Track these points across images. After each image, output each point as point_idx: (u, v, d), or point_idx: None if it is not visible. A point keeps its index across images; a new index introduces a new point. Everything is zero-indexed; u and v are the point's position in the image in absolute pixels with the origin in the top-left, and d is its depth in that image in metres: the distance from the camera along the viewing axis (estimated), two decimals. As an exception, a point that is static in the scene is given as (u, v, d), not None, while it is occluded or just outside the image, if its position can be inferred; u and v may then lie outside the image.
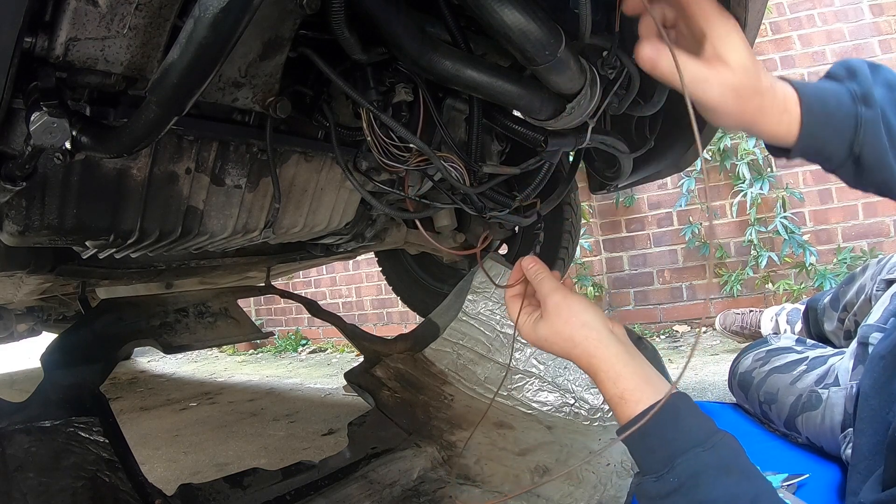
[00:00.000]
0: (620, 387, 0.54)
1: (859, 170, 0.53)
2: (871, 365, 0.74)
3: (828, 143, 0.52)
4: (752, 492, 0.47)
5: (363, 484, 0.93)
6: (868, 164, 0.51)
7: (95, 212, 0.70)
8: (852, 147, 0.51)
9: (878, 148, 0.51)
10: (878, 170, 0.52)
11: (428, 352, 1.35)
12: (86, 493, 0.74)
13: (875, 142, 0.51)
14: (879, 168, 0.52)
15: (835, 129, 0.51)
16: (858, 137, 0.51)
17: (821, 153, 0.53)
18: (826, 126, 0.52)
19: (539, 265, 0.64)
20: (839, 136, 0.51)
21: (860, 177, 0.53)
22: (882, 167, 0.51)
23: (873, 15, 2.29)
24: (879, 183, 0.53)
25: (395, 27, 0.57)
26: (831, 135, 0.52)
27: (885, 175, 0.52)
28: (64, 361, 1.01)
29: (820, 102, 0.51)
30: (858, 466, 0.72)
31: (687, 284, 2.53)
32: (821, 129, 0.51)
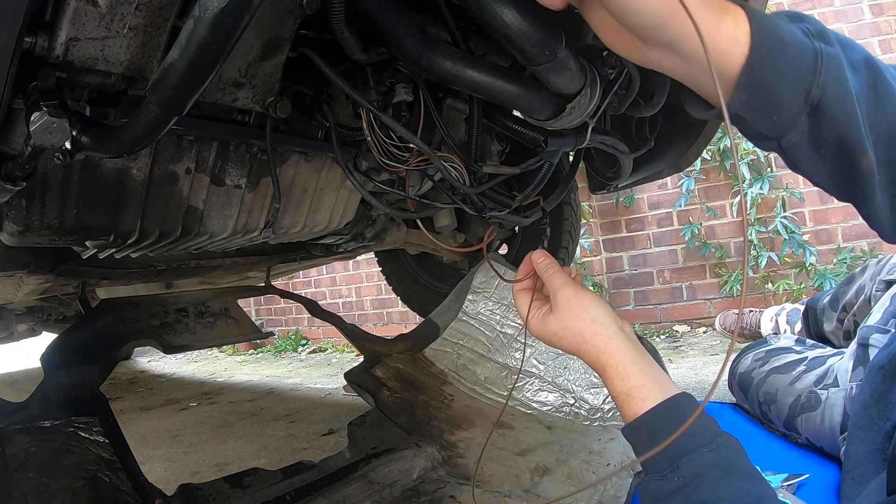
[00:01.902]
0: (629, 384, 0.53)
1: (816, 125, 0.41)
2: (870, 375, 0.75)
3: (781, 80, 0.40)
4: (755, 493, 0.47)
5: (363, 484, 0.92)
6: (830, 112, 0.40)
7: (95, 212, 0.70)
8: (811, 90, 0.40)
9: (843, 90, 0.40)
10: (842, 121, 0.41)
11: (428, 352, 1.35)
12: (86, 493, 0.74)
13: (839, 82, 0.40)
14: (844, 118, 0.41)
15: (790, 62, 0.40)
16: (819, 77, 0.40)
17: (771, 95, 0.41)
18: (780, 53, 0.40)
19: (549, 259, 0.63)
20: (794, 74, 0.40)
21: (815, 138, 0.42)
22: (847, 118, 0.41)
23: (873, 15, 2.29)
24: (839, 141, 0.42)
25: (395, 27, 0.57)
26: (786, 69, 0.40)
27: (848, 129, 0.41)
28: (64, 361, 1.01)
29: (773, 25, 0.40)
30: (853, 473, 0.73)
31: (687, 284, 2.53)
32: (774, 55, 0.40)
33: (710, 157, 2.41)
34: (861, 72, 0.42)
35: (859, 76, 0.42)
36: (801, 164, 0.45)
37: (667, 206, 2.56)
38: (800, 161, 0.44)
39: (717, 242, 2.45)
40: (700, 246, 2.45)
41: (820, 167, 0.44)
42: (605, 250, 2.69)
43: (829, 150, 0.43)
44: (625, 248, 2.65)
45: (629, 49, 0.45)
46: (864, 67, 0.42)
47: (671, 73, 0.44)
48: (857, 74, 0.42)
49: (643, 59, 0.45)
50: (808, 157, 0.43)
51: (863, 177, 0.43)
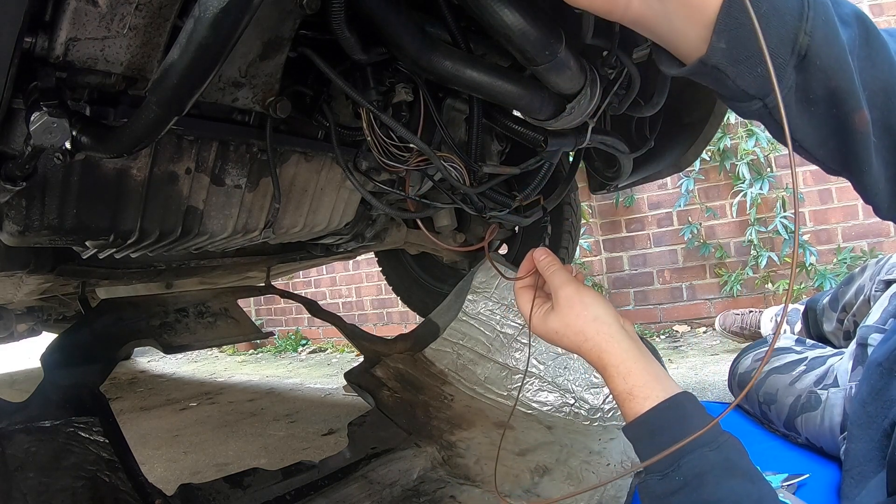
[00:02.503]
0: (630, 383, 0.53)
1: (804, 78, 0.37)
2: (868, 372, 0.75)
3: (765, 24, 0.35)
4: (755, 494, 0.47)
5: (363, 484, 0.92)
6: (819, 62, 0.36)
7: (95, 212, 0.70)
8: (798, 37, 0.36)
9: (833, 37, 0.36)
10: (833, 71, 0.37)
11: (428, 352, 1.35)
12: (86, 493, 0.74)
13: (829, 28, 0.36)
14: (836, 67, 0.37)
15: (772, 4, 0.35)
16: (806, 22, 0.35)
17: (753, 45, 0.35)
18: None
19: (551, 257, 0.63)
20: (779, 18, 0.36)
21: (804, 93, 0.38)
22: (839, 66, 0.37)
23: (873, 15, 2.29)
24: (831, 94, 0.37)
25: (395, 27, 0.57)
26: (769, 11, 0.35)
27: (840, 80, 0.37)
28: (64, 361, 1.01)
29: None
30: (852, 471, 0.72)
31: (687, 284, 2.53)
32: None
33: (710, 157, 2.41)
34: (851, 25, 0.39)
35: (850, 29, 0.39)
36: (790, 126, 0.39)
37: (667, 206, 2.56)
38: (788, 122, 0.39)
39: (717, 242, 2.45)
40: (700, 246, 2.45)
41: (810, 128, 0.40)
42: (605, 250, 2.69)
43: (819, 107, 0.39)
44: (625, 248, 2.65)
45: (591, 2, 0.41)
46: (854, 22, 0.40)
47: (639, 20, 0.40)
48: (847, 28, 0.39)
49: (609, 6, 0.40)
50: (797, 116, 0.39)
51: (857, 137, 0.39)
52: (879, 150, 0.41)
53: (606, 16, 0.42)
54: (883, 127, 0.40)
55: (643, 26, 0.41)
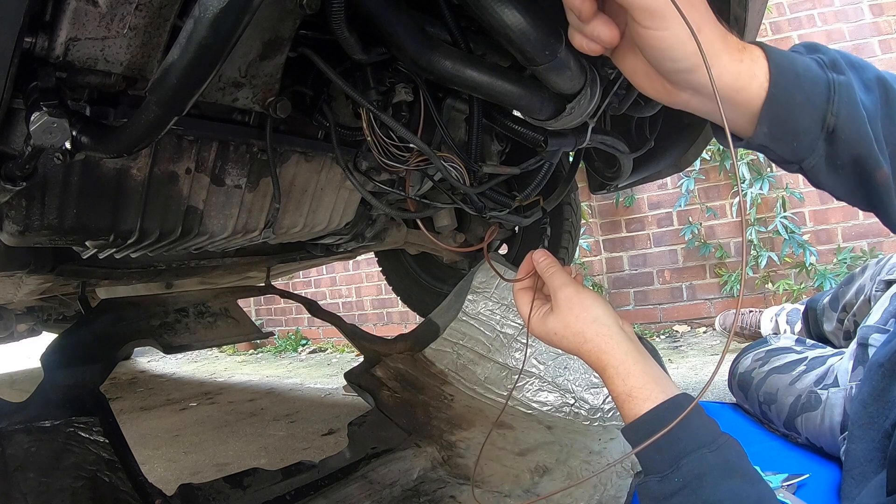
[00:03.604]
0: (629, 384, 0.53)
1: (832, 149, 0.45)
2: (869, 372, 0.75)
3: (798, 112, 0.44)
4: (755, 495, 0.47)
5: (363, 484, 0.92)
6: (844, 136, 0.44)
7: (95, 212, 0.70)
8: (826, 118, 0.44)
9: (854, 115, 0.44)
10: (855, 142, 0.44)
11: (428, 352, 1.35)
12: (86, 493, 0.74)
13: (851, 107, 0.44)
14: (857, 139, 0.44)
15: (805, 94, 0.44)
16: (832, 105, 0.44)
17: (790, 125, 0.44)
18: (797, 87, 0.44)
19: (550, 259, 0.63)
20: (810, 104, 0.44)
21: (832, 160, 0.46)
22: (860, 138, 0.44)
23: (873, 15, 2.29)
24: (854, 160, 0.45)
25: (395, 27, 0.57)
26: (802, 101, 0.44)
27: (862, 148, 0.44)
28: (64, 361, 1.01)
29: (788, 60, 0.44)
30: (853, 472, 0.72)
31: (687, 284, 2.53)
32: (791, 89, 0.43)
33: (710, 157, 2.41)
34: (873, 90, 0.46)
35: (872, 94, 0.46)
36: (821, 183, 0.48)
37: (667, 206, 2.56)
38: (820, 181, 0.48)
39: (717, 242, 2.45)
40: (700, 246, 2.45)
41: (839, 184, 0.48)
42: (605, 250, 2.69)
43: (846, 170, 0.46)
44: (625, 248, 2.65)
45: (659, 91, 0.48)
46: (876, 86, 0.46)
47: (698, 111, 0.48)
48: (869, 93, 0.46)
49: (673, 101, 0.48)
50: (828, 177, 0.47)
51: (879, 188, 0.46)
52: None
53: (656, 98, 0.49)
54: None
55: (701, 115, 0.48)
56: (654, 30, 0.41)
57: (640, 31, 0.42)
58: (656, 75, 0.46)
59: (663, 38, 0.41)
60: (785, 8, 2.43)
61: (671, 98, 0.48)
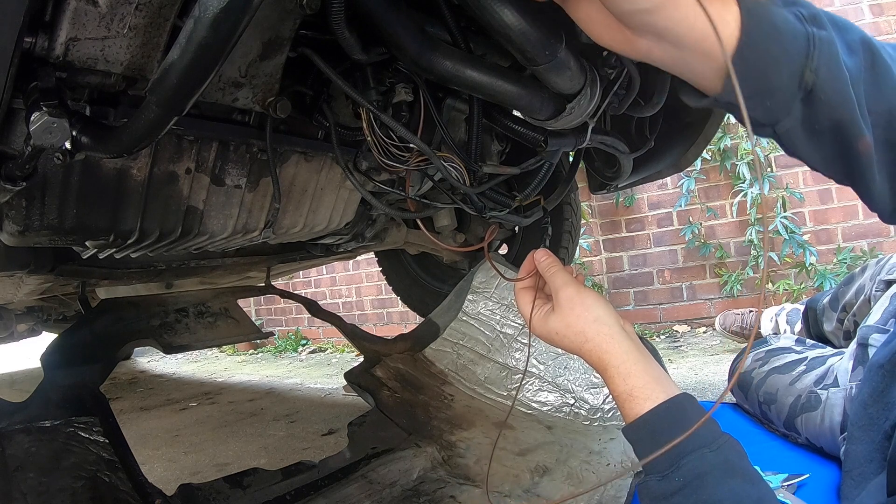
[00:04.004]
0: (630, 384, 0.53)
1: (810, 111, 0.41)
2: (869, 374, 0.75)
3: (773, 66, 0.39)
4: (755, 495, 0.47)
5: (363, 484, 0.92)
6: (824, 96, 0.40)
7: (95, 212, 0.70)
8: (804, 75, 0.39)
9: (836, 74, 0.40)
10: (836, 104, 0.40)
11: (428, 352, 1.35)
12: (86, 493, 0.74)
13: (832, 65, 0.39)
14: (838, 101, 0.40)
15: (782, 46, 0.39)
16: (811, 61, 0.39)
17: (763, 82, 0.40)
18: (772, 38, 0.39)
19: (552, 258, 0.63)
20: (787, 58, 0.39)
21: (810, 123, 0.41)
22: (842, 100, 0.40)
23: (873, 15, 2.29)
24: (835, 125, 0.41)
25: (395, 27, 0.57)
26: (778, 54, 0.39)
27: (843, 112, 0.40)
28: (64, 361, 1.01)
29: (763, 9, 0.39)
30: (852, 472, 0.72)
31: (687, 284, 2.53)
32: (765, 40, 0.39)
33: (710, 157, 2.41)
34: (857, 53, 0.42)
35: (856, 57, 0.42)
36: (797, 150, 0.44)
37: (667, 206, 2.56)
38: (796, 147, 0.43)
39: (717, 242, 2.45)
40: (700, 246, 2.45)
41: (817, 152, 0.44)
42: (605, 250, 2.69)
43: (824, 136, 0.42)
44: (625, 248, 2.65)
45: (617, 39, 0.43)
46: (860, 48, 0.42)
47: (661, 62, 0.43)
48: (853, 55, 0.41)
49: (632, 50, 0.44)
50: (804, 143, 0.43)
51: (860, 159, 0.42)
52: (882, 165, 0.43)
53: (628, 56, 0.45)
54: (886, 144, 0.42)
55: (664, 67, 0.44)
56: None
57: None
58: (613, 21, 0.42)
59: None
60: (784, 7, 2.42)
61: (631, 47, 0.43)
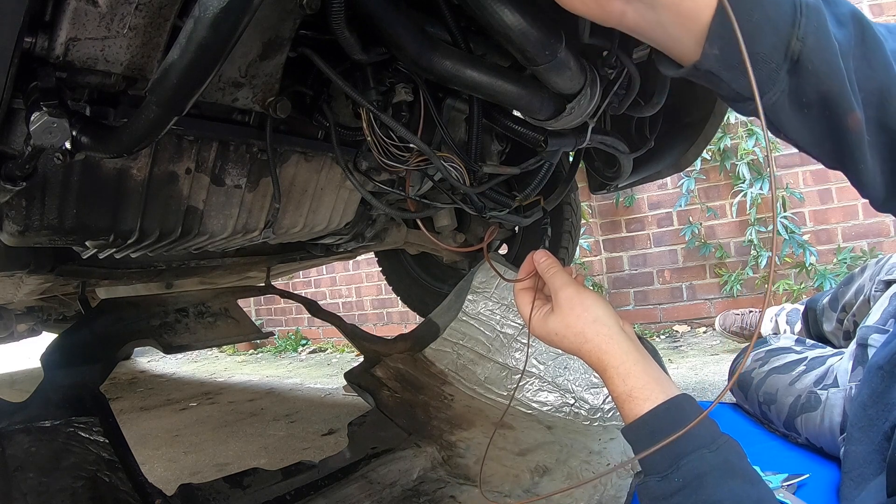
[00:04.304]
0: (630, 384, 0.53)
1: (797, 82, 0.38)
2: (869, 374, 0.75)
3: (757, 31, 0.37)
4: (754, 496, 0.47)
5: (363, 484, 0.92)
6: (812, 66, 0.37)
7: (95, 212, 0.70)
8: (790, 43, 0.37)
9: (825, 43, 0.37)
10: (825, 75, 0.38)
11: (428, 352, 1.35)
12: (86, 493, 0.74)
13: (820, 34, 0.37)
14: (827, 72, 0.38)
15: (765, 11, 0.37)
16: (798, 29, 0.37)
17: (747, 48, 0.36)
18: (755, 4, 0.37)
19: (551, 259, 0.63)
20: (771, 25, 0.37)
21: (797, 96, 0.39)
22: (831, 71, 0.38)
23: (873, 15, 2.29)
24: (823, 98, 0.38)
25: (395, 27, 0.57)
26: (762, 19, 0.37)
27: (833, 83, 0.38)
28: (64, 361, 1.01)
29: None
30: (852, 473, 0.72)
31: (687, 284, 2.53)
32: (748, 6, 0.36)
33: (710, 157, 2.41)
34: (847, 26, 0.40)
35: (845, 30, 0.40)
36: (783, 127, 0.41)
37: (667, 206, 2.56)
38: (782, 123, 0.41)
39: (717, 242, 2.45)
40: (700, 246, 2.45)
41: (804, 129, 0.41)
42: (605, 250, 2.69)
43: (813, 110, 0.39)
44: (625, 248, 2.65)
45: (591, 6, 0.41)
46: (850, 21, 0.40)
47: (635, 27, 0.41)
48: (842, 28, 0.40)
49: (603, 13, 0.41)
50: (791, 119, 0.40)
51: (850, 136, 0.40)
52: (874, 147, 0.41)
53: (602, 22, 0.43)
54: (878, 125, 0.40)
55: (639, 34, 0.42)
56: None
57: None
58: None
59: None
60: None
61: (603, 10, 0.41)
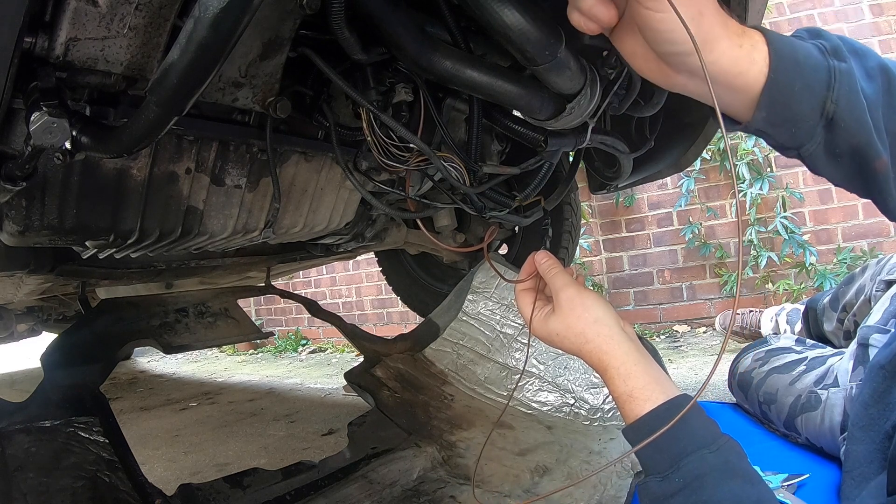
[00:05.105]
0: (630, 385, 0.54)
1: (831, 136, 0.45)
2: (870, 374, 0.75)
3: (798, 98, 0.44)
4: (755, 496, 0.47)
5: (363, 484, 0.92)
6: (843, 124, 0.44)
7: (95, 212, 0.70)
8: (825, 105, 0.44)
9: (854, 102, 0.44)
10: (854, 131, 0.44)
11: (428, 352, 1.35)
12: (86, 493, 0.74)
13: (851, 95, 0.44)
14: (857, 128, 0.44)
15: (805, 80, 0.44)
16: (832, 92, 0.43)
17: (789, 112, 0.44)
18: (796, 74, 0.43)
19: (552, 260, 0.64)
20: (810, 91, 0.44)
21: (831, 147, 0.45)
22: (860, 126, 0.44)
23: (873, 15, 2.29)
24: (853, 149, 0.45)
25: (395, 27, 0.57)
26: (802, 88, 0.44)
27: (861, 137, 0.44)
28: (64, 361, 1.01)
29: (789, 47, 0.44)
30: (852, 473, 0.72)
31: (687, 284, 2.53)
32: (791, 76, 0.43)
33: (710, 157, 2.41)
34: (876, 78, 0.46)
35: (874, 83, 0.46)
36: (820, 171, 0.48)
37: (667, 206, 2.56)
38: (818, 168, 0.48)
39: (718, 242, 2.45)
40: (700, 246, 2.45)
41: (837, 172, 0.48)
42: (605, 250, 2.69)
43: (844, 158, 0.46)
44: (625, 248, 2.65)
45: (656, 74, 0.48)
46: (878, 74, 0.46)
47: (695, 95, 0.48)
48: (871, 81, 0.46)
49: (670, 83, 0.48)
50: (826, 165, 0.47)
51: (878, 177, 0.46)
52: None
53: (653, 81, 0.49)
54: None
55: (688, 93, 0.49)
56: (654, 11, 0.41)
57: (640, 12, 0.42)
58: (654, 57, 0.46)
59: (663, 20, 0.41)
60: (785, 8, 2.43)
61: (668, 81, 0.48)
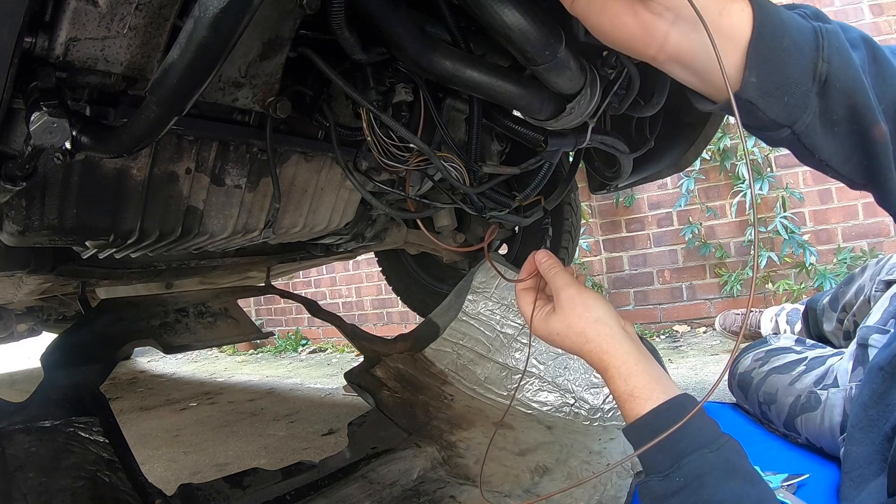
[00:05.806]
0: (631, 384, 0.54)
1: (826, 102, 0.42)
2: (869, 376, 0.75)
3: (787, 58, 0.41)
4: (755, 496, 0.47)
5: (363, 484, 0.92)
6: (839, 84, 0.41)
7: (95, 212, 0.70)
8: (817, 66, 0.41)
9: (847, 61, 0.41)
10: (850, 90, 0.41)
11: (428, 352, 1.35)
12: (86, 493, 0.74)
13: (842, 52, 0.41)
14: (852, 87, 0.41)
15: (792, 38, 0.41)
16: (822, 52, 0.41)
17: (779, 75, 0.41)
18: (783, 31, 0.41)
19: (553, 259, 0.64)
20: (799, 51, 0.41)
21: (827, 114, 0.42)
22: (856, 86, 0.41)
23: (873, 15, 2.29)
24: (850, 111, 0.42)
25: (395, 27, 0.57)
26: (790, 45, 0.41)
27: (858, 97, 0.41)
28: (64, 361, 1.01)
29: (772, 7, 0.41)
30: (852, 473, 0.72)
31: (687, 284, 2.53)
32: (777, 31, 0.40)
33: (710, 157, 2.41)
34: (860, 48, 0.43)
35: (859, 51, 0.43)
36: (816, 148, 0.44)
37: (667, 206, 2.56)
38: (815, 144, 0.44)
39: (717, 242, 2.45)
40: (700, 246, 2.45)
41: (834, 147, 0.44)
42: (605, 250, 2.69)
43: (841, 126, 0.43)
44: (625, 248, 2.65)
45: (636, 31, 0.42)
46: (861, 44, 0.44)
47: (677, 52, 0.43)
48: (856, 50, 0.43)
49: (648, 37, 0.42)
50: (822, 138, 0.43)
51: (878, 149, 0.43)
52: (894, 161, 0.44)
53: (643, 53, 0.44)
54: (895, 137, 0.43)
55: (681, 60, 0.43)
56: None
57: None
58: (630, 11, 0.41)
59: None
60: (784, 8, 2.43)
61: (648, 34, 0.42)
